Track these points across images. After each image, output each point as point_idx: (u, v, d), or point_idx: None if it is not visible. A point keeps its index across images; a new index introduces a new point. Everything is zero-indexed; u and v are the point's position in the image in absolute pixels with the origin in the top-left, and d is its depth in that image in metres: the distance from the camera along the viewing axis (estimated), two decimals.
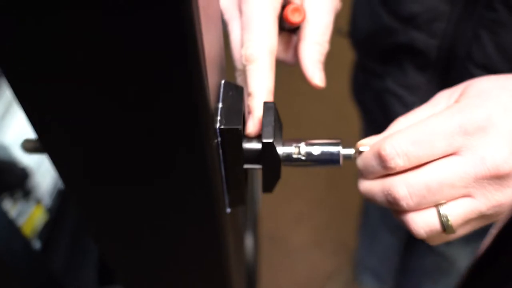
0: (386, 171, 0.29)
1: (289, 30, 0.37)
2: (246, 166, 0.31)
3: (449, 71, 0.49)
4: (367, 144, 0.32)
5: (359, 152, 0.32)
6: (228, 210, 0.32)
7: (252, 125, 0.30)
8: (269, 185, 0.32)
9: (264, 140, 0.29)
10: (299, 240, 1.36)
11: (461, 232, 0.30)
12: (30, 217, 0.65)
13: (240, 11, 0.35)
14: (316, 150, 0.32)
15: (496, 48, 0.43)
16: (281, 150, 0.31)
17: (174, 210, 0.28)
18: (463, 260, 0.78)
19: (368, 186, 0.31)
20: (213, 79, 0.25)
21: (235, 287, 0.40)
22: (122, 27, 0.18)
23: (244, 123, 0.31)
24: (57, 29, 0.18)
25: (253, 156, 0.30)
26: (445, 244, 0.78)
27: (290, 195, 1.41)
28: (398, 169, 0.29)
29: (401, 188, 0.29)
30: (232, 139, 0.27)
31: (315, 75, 0.35)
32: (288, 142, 0.32)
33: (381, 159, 0.29)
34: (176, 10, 0.17)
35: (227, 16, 0.36)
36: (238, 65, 0.36)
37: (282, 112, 0.32)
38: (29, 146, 0.29)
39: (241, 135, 0.27)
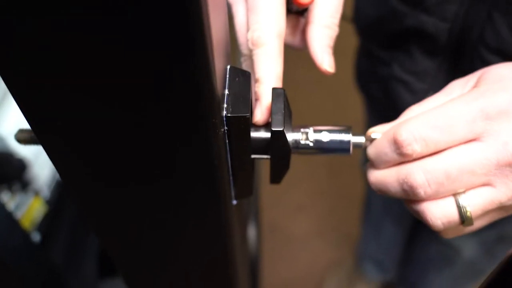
0: (402, 158, 0.28)
1: (296, 12, 0.36)
2: (253, 156, 0.29)
3: (459, 56, 0.47)
4: (379, 132, 0.30)
5: (371, 140, 0.31)
6: (234, 202, 0.31)
7: (260, 113, 0.29)
8: (277, 176, 0.31)
9: (274, 129, 0.27)
10: (300, 230, 1.36)
11: (478, 224, 0.29)
12: (29, 209, 0.64)
13: None
14: (325, 137, 0.30)
15: (509, 30, 0.41)
16: (289, 137, 0.29)
17: (179, 203, 0.27)
18: (469, 249, 0.77)
19: (381, 176, 0.30)
20: (219, 65, 0.23)
21: (239, 278, 0.39)
22: (128, 12, 0.17)
23: (251, 111, 0.29)
24: (52, 19, 0.17)
25: (261, 145, 0.29)
26: None
27: (291, 185, 1.40)
28: (415, 156, 0.27)
29: (419, 175, 0.27)
30: (240, 127, 0.26)
31: (325, 60, 0.33)
32: (295, 128, 0.30)
33: (397, 145, 0.27)
34: None
35: None
36: (244, 49, 0.34)
37: None
38: (23, 137, 0.27)
39: (249, 124, 0.26)
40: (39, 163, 0.67)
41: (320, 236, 1.34)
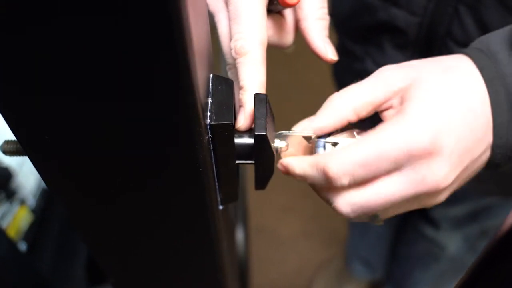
0: (330, 185, 0.29)
1: (277, 11, 0.36)
2: (238, 162, 0.30)
3: (429, 49, 0.49)
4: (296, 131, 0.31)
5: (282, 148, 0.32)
6: (221, 207, 0.32)
7: (243, 119, 0.30)
8: (262, 182, 0.31)
9: (257, 133, 0.28)
10: (288, 231, 1.36)
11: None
12: (15, 219, 0.64)
13: (226, 1, 0.33)
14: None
15: (475, 25, 0.43)
16: (273, 142, 0.30)
17: (166, 209, 0.27)
18: (453, 245, 0.79)
19: (303, 171, 0.31)
20: (202, 73, 0.24)
21: (228, 281, 0.40)
22: (111, 24, 0.17)
23: (235, 118, 0.30)
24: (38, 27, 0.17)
25: (245, 151, 0.30)
26: (435, 230, 0.79)
27: (277, 186, 1.40)
28: (343, 186, 0.29)
29: (345, 207, 0.30)
30: (224, 134, 0.26)
31: (328, 51, 0.35)
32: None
33: (327, 177, 0.29)
34: (164, 3, 0.17)
35: (212, 7, 0.35)
36: (228, 58, 0.34)
37: None
38: (9, 148, 0.28)
39: (233, 131, 0.26)
40: (24, 172, 0.67)
41: (308, 237, 1.35)
